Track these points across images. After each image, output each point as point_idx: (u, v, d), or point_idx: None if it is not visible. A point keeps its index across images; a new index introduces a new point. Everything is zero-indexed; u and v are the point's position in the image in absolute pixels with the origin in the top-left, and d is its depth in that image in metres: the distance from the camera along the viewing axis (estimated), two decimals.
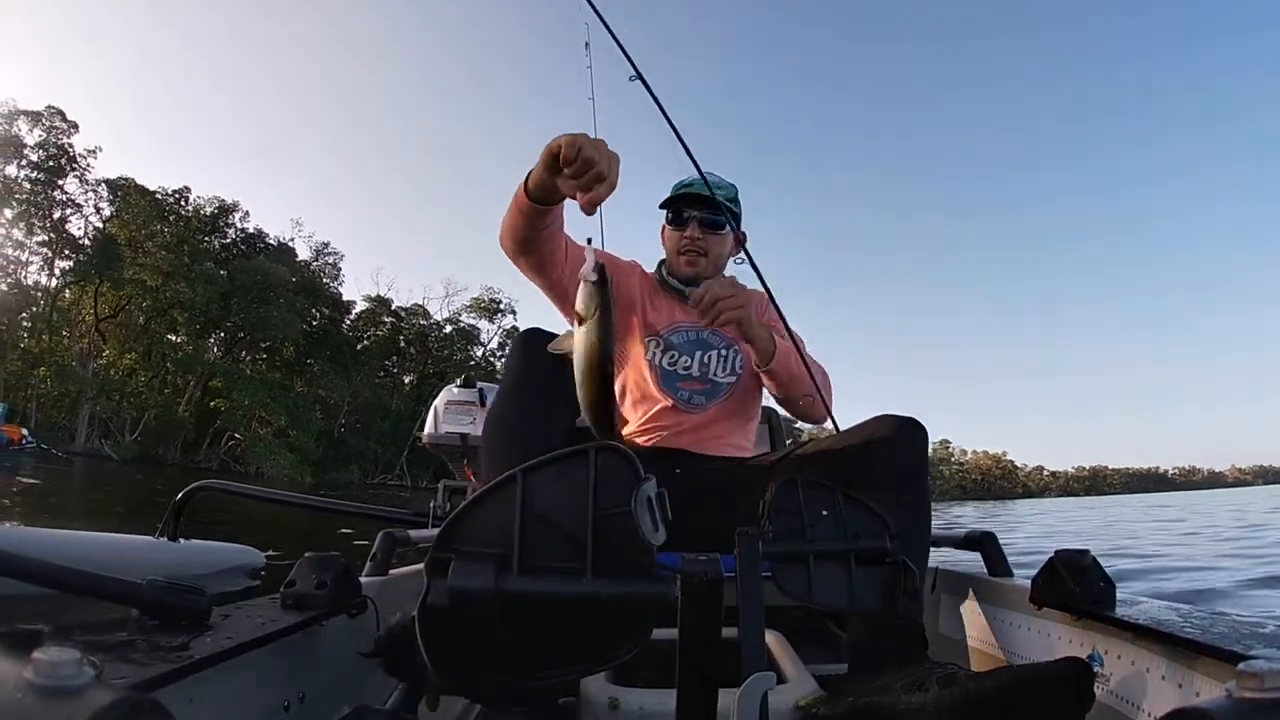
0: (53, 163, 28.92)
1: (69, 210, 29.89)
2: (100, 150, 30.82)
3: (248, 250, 35.28)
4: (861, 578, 0.79)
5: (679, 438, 1.35)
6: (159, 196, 31.97)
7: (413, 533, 1.23)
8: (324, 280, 38.65)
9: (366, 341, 40.04)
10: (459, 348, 41.45)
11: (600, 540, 0.56)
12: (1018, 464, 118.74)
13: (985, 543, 1.25)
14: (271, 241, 37.00)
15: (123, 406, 29.67)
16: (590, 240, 0.97)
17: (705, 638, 0.59)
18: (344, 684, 0.89)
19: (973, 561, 1.30)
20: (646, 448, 1.36)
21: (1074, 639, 0.92)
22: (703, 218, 1.40)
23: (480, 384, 2.59)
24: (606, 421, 0.89)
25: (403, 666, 0.82)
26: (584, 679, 0.82)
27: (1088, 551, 0.91)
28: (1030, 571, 1.01)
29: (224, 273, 31.51)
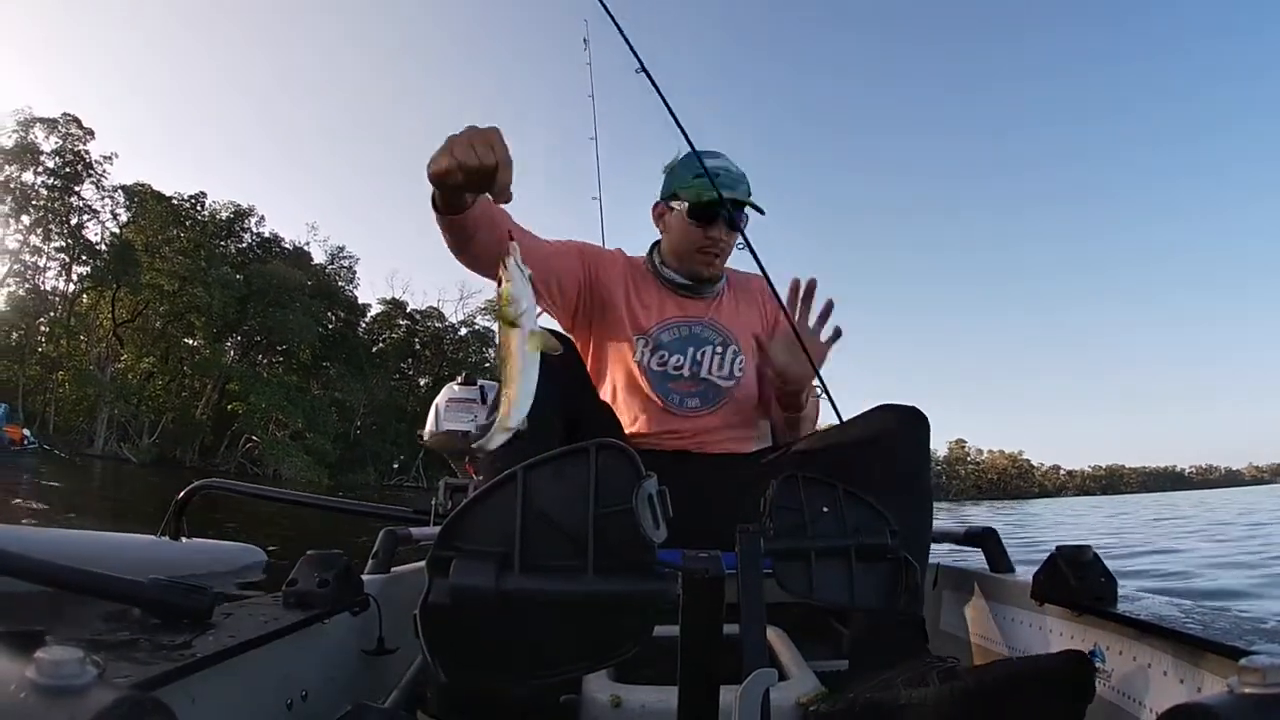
0: (69, 169, 28.98)
1: (86, 216, 30.05)
2: (116, 156, 30.82)
3: (264, 254, 35.38)
4: (862, 574, 0.79)
5: (678, 443, 1.31)
6: (175, 202, 32.10)
7: (414, 531, 1.23)
8: (339, 284, 38.73)
9: (382, 344, 40.11)
10: (474, 350, 41.44)
11: (601, 538, 0.56)
12: (1034, 463, 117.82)
13: (987, 538, 1.25)
14: (287, 246, 37.14)
15: (141, 410, 29.83)
16: (511, 235, 0.89)
17: (706, 635, 0.59)
18: (346, 682, 0.89)
19: (973, 556, 1.30)
20: (644, 451, 1.33)
21: (1075, 635, 0.92)
22: (730, 216, 1.30)
23: (481, 381, 2.60)
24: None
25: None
26: (585, 677, 0.82)
27: (1089, 547, 0.91)
28: (1032, 567, 1.01)
29: (240, 277, 31.61)
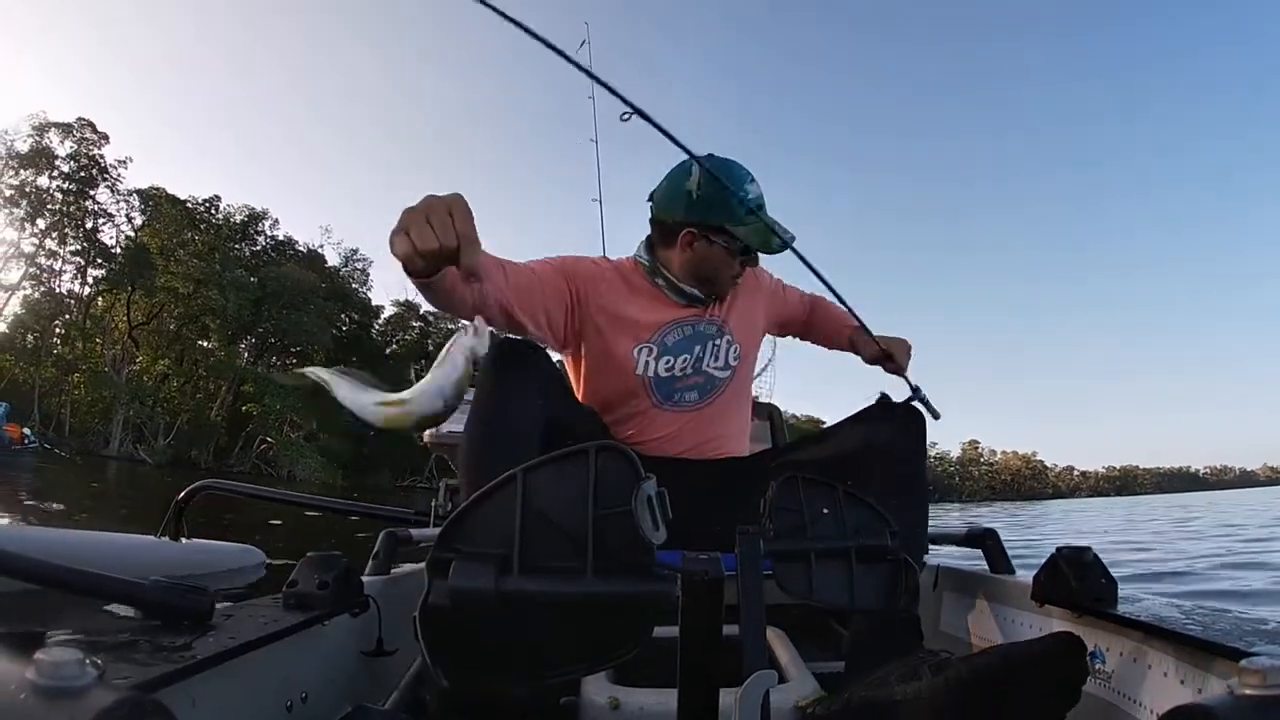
0: (84, 173, 29.26)
1: (101, 220, 30.34)
2: (131, 160, 31.05)
3: (278, 257, 35.57)
4: (863, 575, 0.79)
5: (676, 442, 1.32)
6: (189, 205, 32.34)
7: (414, 532, 1.23)
8: (353, 286, 38.94)
9: (395, 346, 40.21)
10: None
11: (600, 539, 0.56)
12: (1047, 464, 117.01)
13: (987, 540, 1.25)
14: (301, 248, 37.33)
15: (156, 412, 29.99)
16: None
17: (706, 636, 0.59)
18: (346, 684, 0.89)
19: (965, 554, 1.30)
20: (642, 454, 1.31)
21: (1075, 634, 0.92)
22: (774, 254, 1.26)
23: None
24: None
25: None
26: (584, 678, 0.82)
27: (1089, 548, 0.91)
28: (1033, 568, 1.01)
29: (255, 280, 31.80)
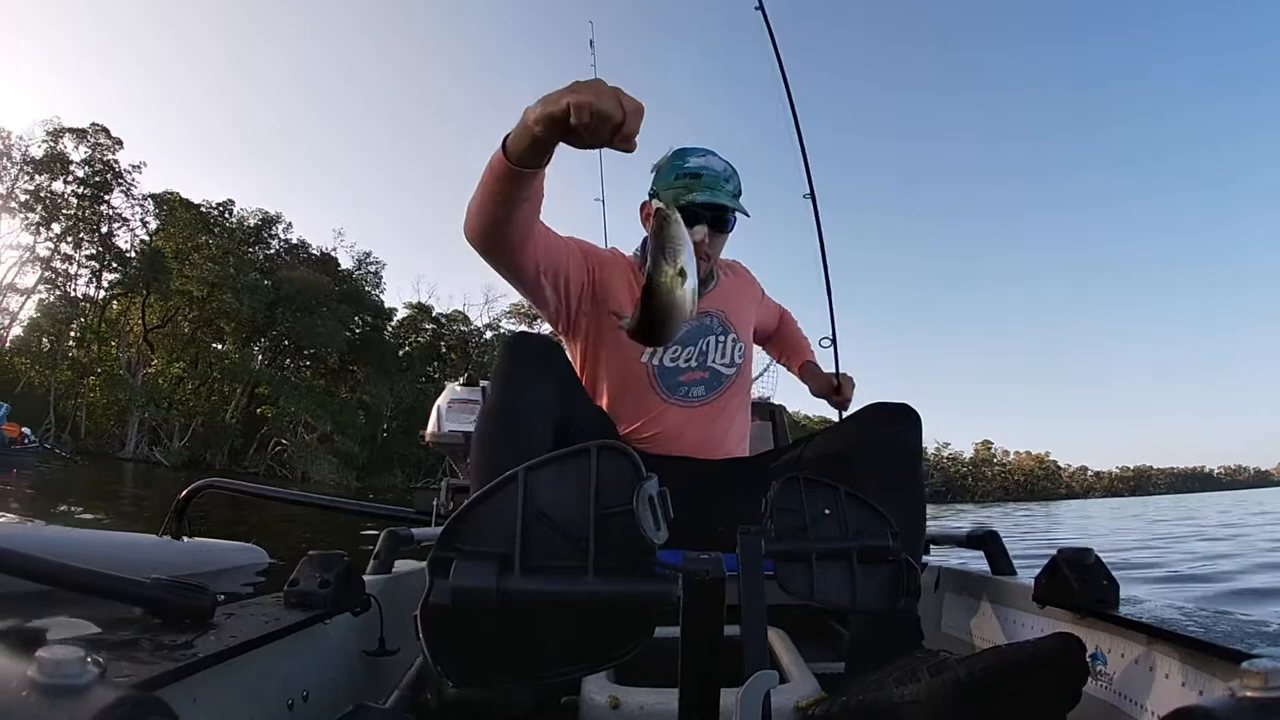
0: (99, 178, 29.52)
1: (116, 224, 30.63)
2: (145, 165, 31.37)
3: (291, 260, 35.82)
4: (864, 576, 0.79)
5: (680, 438, 1.32)
6: (204, 209, 32.60)
7: (416, 531, 1.23)
8: (366, 288, 39.09)
9: (408, 348, 40.40)
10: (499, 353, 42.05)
11: (602, 539, 0.56)
12: (1061, 464, 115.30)
13: (988, 541, 1.25)
14: (314, 252, 37.60)
15: (171, 414, 30.19)
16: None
17: (707, 636, 0.59)
18: (348, 682, 0.89)
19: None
20: (646, 451, 1.31)
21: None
22: (714, 218, 1.29)
23: (483, 382, 2.60)
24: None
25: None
26: (585, 678, 0.82)
27: (1091, 550, 0.91)
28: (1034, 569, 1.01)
29: (269, 283, 32.07)
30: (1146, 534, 8.95)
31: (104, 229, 29.89)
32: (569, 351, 1.38)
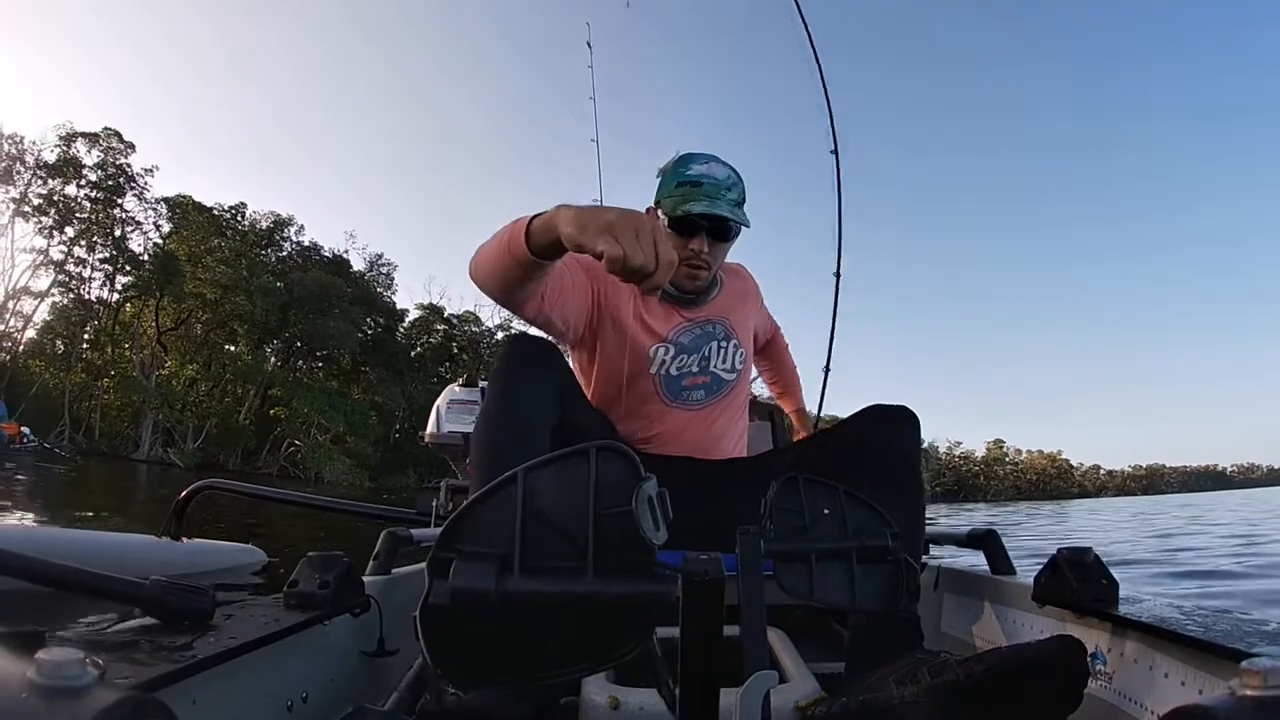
0: (111, 182, 29.71)
1: (129, 227, 30.84)
2: (158, 169, 31.74)
3: (304, 263, 35.96)
4: (864, 576, 0.79)
5: (680, 439, 1.33)
6: (216, 213, 32.77)
7: (415, 532, 1.23)
8: (378, 290, 39.19)
9: (420, 349, 40.50)
10: None
11: (601, 539, 0.56)
12: (1073, 463, 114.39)
13: (988, 540, 1.25)
14: (327, 254, 37.73)
15: (185, 415, 30.32)
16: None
17: (707, 637, 0.59)
18: (347, 683, 0.89)
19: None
20: (647, 453, 1.32)
21: (1076, 636, 0.92)
22: (713, 227, 1.26)
23: (482, 383, 2.60)
24: None
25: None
26: (585, 678, 0.82)
27: (1090, 549, 0.91)
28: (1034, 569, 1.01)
29: (281, 285, 32.23)
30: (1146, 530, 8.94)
31: (117, 232, 30.10)
32: (572, 357, 1.38)
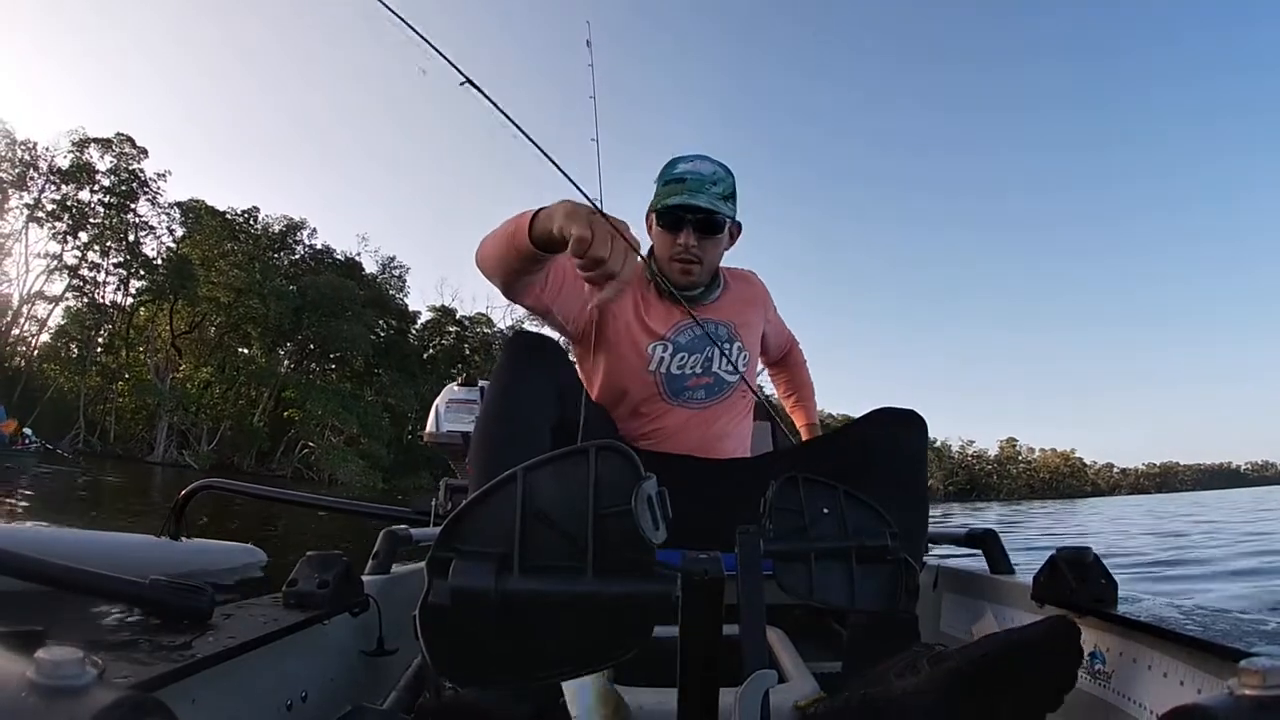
0: (124, 187, 29.98)
1: (142, 232, 31.16)
2: (170, 174, 31.87)
3: (316, 265, 36.22)
4: (863, 576, 0.79)
5: (680, 439, 1.33)
6: (229, 216, 33.02)
7: (414, 531, 1.23)
8: (390, 292, 39.41)
9: (432, 350, 40.68)
10: None
11: (601, 539, 0.56)
12: (1086, 461, 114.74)
13: (987, 540, 1.25)
14: (339, 257, 38.04)
15: (199, 418, 30.54)
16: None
17: (706, 636, 0.59)
18: (346, 683, 0.89)
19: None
20: (647, 452, 1.33)
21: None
22: (699, 220, 1.29)
23: (481, 382, 2.59)
24: None
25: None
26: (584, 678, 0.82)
27: (1089, 549, 0.91)
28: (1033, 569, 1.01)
29: (294, 288, 32.49)
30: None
31: (131, 237, 30.45)
32: (581, 361, 1.39)
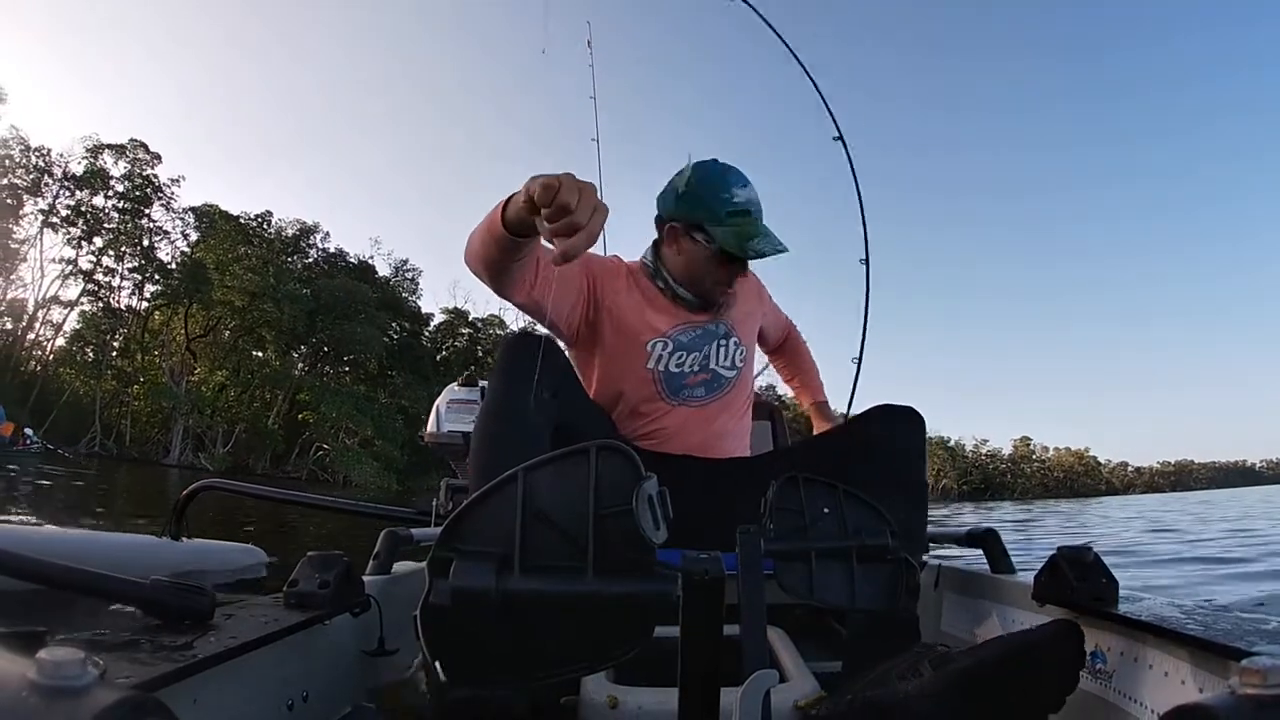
0: (138, 192, 30.21)
1: (157, 237, 31.39)
2: (184, 179, 32.15)
3: (330, 269, 36.41)
4: (863, 575, 0.80)
5: (680, 438, 1.33)
6: (243, 221, 33.19)
7: (415, 531, 1.23)
8: (403, 295, 39.52)
9: (445, 353, 40.76)
10: None
11: (601, 539, 0.56)
12: (1101, 460, 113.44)
13: (988, 539, 1.25)
14: (352, 260, 38.17)
15: (214, 421, 30.67)
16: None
17: (707, 636, 0.59)
18: (347, 683, 0.89)
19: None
20: (647, 451, 1.31)
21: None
22: (750, 259, 1.29)
23: (482, 382, 2.59)
24: None
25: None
26: (585, 677, 0.82)
27: (1090, 548, 0.91)
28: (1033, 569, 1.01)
29: (308, 292, 32.68)
30: None
31: (145, 242, 30.68)
32: (578, 361, 1.39)
